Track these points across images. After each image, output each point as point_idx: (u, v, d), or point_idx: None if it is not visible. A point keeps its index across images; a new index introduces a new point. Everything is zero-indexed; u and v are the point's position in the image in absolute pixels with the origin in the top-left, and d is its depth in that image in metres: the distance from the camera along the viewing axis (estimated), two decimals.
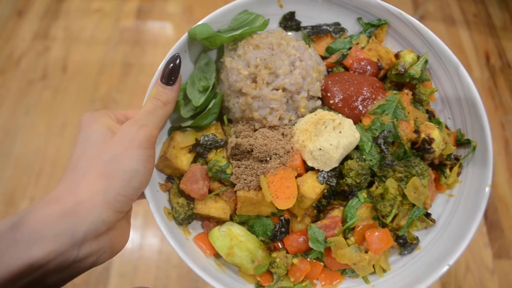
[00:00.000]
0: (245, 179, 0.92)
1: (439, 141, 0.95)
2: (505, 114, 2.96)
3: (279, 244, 0.99)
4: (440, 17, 3.42)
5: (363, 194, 0.95)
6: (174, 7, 3.49)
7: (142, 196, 0.91)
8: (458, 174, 1.03)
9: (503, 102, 3.01)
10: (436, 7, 3.50)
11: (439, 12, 3.46)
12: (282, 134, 0.97)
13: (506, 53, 3.23)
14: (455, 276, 2.41)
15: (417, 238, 0.99)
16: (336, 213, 0.95)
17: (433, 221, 1.00)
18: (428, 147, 0.94)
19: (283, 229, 0.96)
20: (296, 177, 0.93)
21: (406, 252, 0.99)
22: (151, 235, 2.51)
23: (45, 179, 2.71)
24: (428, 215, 1.00)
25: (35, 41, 3.28)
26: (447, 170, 1.01)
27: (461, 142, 1.03)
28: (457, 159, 1.03)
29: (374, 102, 1.00)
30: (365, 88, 1.01)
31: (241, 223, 0.98)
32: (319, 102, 1.03)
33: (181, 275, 2.39)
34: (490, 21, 3.40)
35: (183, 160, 0.96)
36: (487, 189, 0.94)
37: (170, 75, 0.91)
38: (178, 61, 0.92)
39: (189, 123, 0.99)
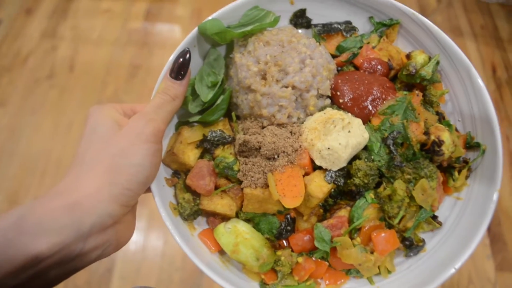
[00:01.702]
0: (252, 176, 0.91)
1: (449, 144, 0.94)
2: (510, 126, 2.92)
3: (284, 242, 0.98)
4: (448, 28, 3.39)
5: (370, 195, 0.94)
6: (183, 10, 3.47)
7: (148, 190, 0.91)
8: (467, 177, 1.02)
9: (509, 115, 2.98)
10: (444, 18, 3.46)
11: (447, 23, 3.42)
12: (291, 132, 0.96)
13: None
14: (458, 287, 2.40)
15: (423, 240, 0.98)
16: (343, 213, 0.95)
17: (440, 223, 0.99)
18: (438, 149, 0.93)
19: (288, 228, 0.96)
20: (303, 176, 0.93)
21: (411, 254, 0.98)
22: (155, 237, 2.49)
23: (49, 178, 2.69)
24: (435, 217, 0.99)
25: (43, 39, 3.26)
26: (456, 173, 1.00)
27: (471, 145, 1.02)
28: (466, 162, 1.02)
29: (384, 102, 0.99)
30: (375, 88, 1.00)
31: (247, 220, 0.97)
32: (328, 101, 1.02)
33: (184, 278, 2.37)
34: (497, 33, 3.37)
35: (190, 155, 0.96)
36: (496, 194, 0.93)
37: (179, 70, 0.91)
38: (188, 55, 0.92)
39: (196, 118, 0.99)
